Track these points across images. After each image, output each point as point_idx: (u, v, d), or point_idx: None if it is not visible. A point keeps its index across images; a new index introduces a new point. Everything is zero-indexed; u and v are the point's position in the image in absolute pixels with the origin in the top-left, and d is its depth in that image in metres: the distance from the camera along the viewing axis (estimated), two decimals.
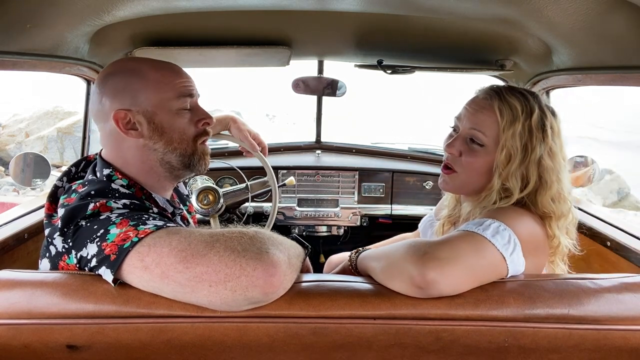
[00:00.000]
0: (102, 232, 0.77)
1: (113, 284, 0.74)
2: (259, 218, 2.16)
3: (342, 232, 2.28)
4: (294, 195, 2.21)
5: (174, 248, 0.72)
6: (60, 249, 0.83)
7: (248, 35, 1.53)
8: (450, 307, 0.75)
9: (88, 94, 1.62)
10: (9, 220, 1.38)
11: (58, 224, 0.84)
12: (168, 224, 0.80)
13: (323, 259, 2.20)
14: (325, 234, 2.28)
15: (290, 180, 1.96)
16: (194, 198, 1.66)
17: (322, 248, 2.31)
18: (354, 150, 2.44)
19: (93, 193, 0.87)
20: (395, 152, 2.43)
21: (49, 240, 0.87)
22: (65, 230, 0.82)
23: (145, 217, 0.81)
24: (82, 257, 0.79)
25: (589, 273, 0.83)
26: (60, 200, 0.89)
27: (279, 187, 1.92)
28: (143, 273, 0.72)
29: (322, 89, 2.25)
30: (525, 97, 1.01)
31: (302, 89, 2.25)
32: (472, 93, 1.09)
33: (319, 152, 2.41)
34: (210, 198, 1.68)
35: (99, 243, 0.76)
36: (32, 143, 7.90)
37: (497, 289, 0.78)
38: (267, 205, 2.15)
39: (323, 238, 2.31)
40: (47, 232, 0.89)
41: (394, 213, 2.23)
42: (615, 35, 1.04)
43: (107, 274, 0.74)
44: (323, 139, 2.44)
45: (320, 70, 2.23)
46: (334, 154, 2.42)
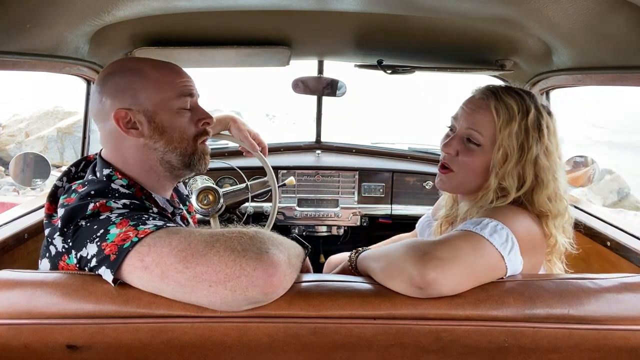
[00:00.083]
0: (102, 232, 0.77)
1: (113, 284, 0.74)
2: (259, 218, 2.16)
3: (342, 232, 2.28)
4: (294, 195, 2.21)
5: (174, 248, 0.72)
6: (60, 249, 0.83)
7: (248, 35, 1.53)
8: (450, 307, 0.75)
9: (88, 94, 1.62)
10: (9, 220, 1.38)
11: (58, 224, 0.84)
12: (168, 224, 0.80)
13: (323, 259, 2.20)
14: (325, 234, 2.28)
15: (290, 180, 1.96)
16: (194, 198, 1.66)
17: (322, 248, 2.31)
18: (354, 150, 2.44)
19: (93, 193, 0.87)
20: (395, 152, 2.42)
21: (49, 240, 0.87)
22: (65, 230, 0.82)
23: (145, 217, 0.81)
24: (82, 257, 0.79)
25: (589, 273, 0.83)
26: (60, 200, 0.89)
27: (279, 187, 1.92)
28: (143, 273, 0.72)
29: (321, 89, 2.25)
30: (522, 96, 1.01)
31: (302, 89, 2.25)
32: (469, 92, 1.10)
33: (319, 152, 2.41)
34: (210, 198, 1.68)
35: (99, 243, 0.76)
36: (32, 143, 7.90)
37: (497, 289, 0.78)
38: (267, 205, 2.15)
39: (323, 238, 2.30)
40: (47, 232, 0.89)
41: (394, 213, 2.23)
42: (615, 35, 1.04)
43: (107, 274, 0.74)
44: (323, 139, 2.44)
45: (320, 70, 2.22)
46: (334, 154, 2.42)
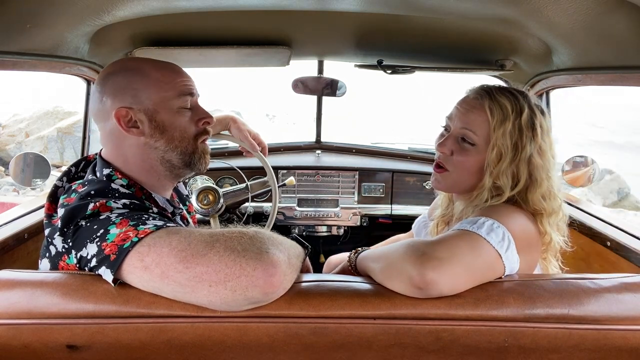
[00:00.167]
0: (102, 232, 0.77)
1: (113, 284, 0.74)
2: (259, 218, 2.16)
3: (342, 232, 2.28)
4: (294, 195, 2.21)
5: (174, 248, 0.72)
6: (60, 249, 0.83)
7: (248, 35, 1.53)
8: (450, 307, 0.75)
9: (88, 94, 1.62)
10: (9, 220, 1.38)
11: (58, 224, 0.84)
12: (168, 224, 0.80)
13: (323, 259, 2.20)
14: (325, 234, 2.28)
15: (290, 180, 1.96)
16: (194, 198, 1.66)
17: (322, 248, 2.31)
18: (354, 150, 2.44)
19: (93, 193, 0.87)
20: (395, 152, 2.43)
21: (49, 240, 0.87)
22: (65, 230, 0.82)
23: (145, 217, 0.81)
24: (82, 257, 0.79)
25: (589, 273, 0.83)
26: (60, 200, 0.89)
27: (279, 187, 1.92)
28: (143, 273, 0.72)
29: (321, 89, 2.25)
30: (515, 96, 1.02)
31: (301, 89, 2.25)
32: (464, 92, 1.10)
33: (319, 152, 2.41)
34: (210, 198, 1.68)
35: (99, 243, 0.76)
36: (32, 143, 7.90)
37: (496, 289, 0.78)
38: (267, 205, 2.15)
39: (323, 238, 2.30)
40: (47, 232, 0.89)
41: (394, 213, 2.23)
42: (615, 35, 1.04)
43: (107, 274, 0.74)
44: (323, 139, 2.44)
45: (320, 70, 2.22)
46: (334, 154, 2.42)
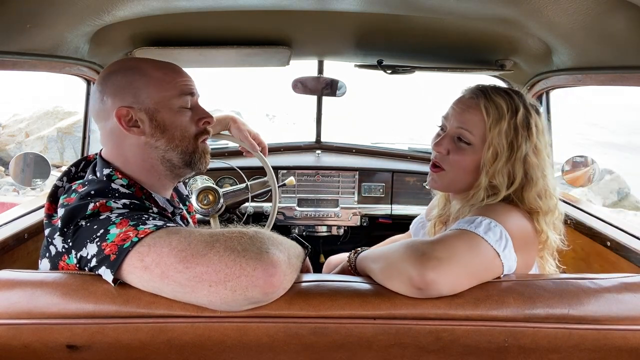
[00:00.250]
0: (102, 232, 0.77)
1: (113, 284, 0.74)
2: (259, 218, 2.16)
3: (342, 232, 2.28)
4: (294, 195, 2.21)
5: (174, 248, 0.72)
6: (60, 249, 0.83)
7: (248, 35, 1.53)
8: (450, 307, 0.75)
9: (88, 94, 1.62)
10: (9, 220, 1.38)
11: (58, 224, 0.84)
12: (168, 224, 0.80)
13: (323, 259, 2.20)
14: (325, 234, 2.28)
15: (290, 180, 1.96)
16: (194, 198, 1.66)
17: (322, 248, 2.31)
18: (354, 150, 2.44)
19: (93, 193, 0.87)
20: (395, 152, 2.42)
21: (49, 240, 0.87)
22: (65, 230, 0.82)
23: (145, 217, 0.81)
24: (82, 257, 0.79)
25: (589, 273, 0.83)
26: (60, 200, 0.89)
27: (279, 187, 1.92)
28: (143, 273, 0.72)
29: (321, 89, 2.25)
30: (510, 96, 1.03)
31: (301, 89, 2.25)
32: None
33: (319, 152, 2.41)
34: (210, 198, 1.68)
35: (99, 243, 0.77)
36: (32, 143, 7.90)
37: (496, 289, 0.78)
38: (267, 205, 2.15)
39: (323, 238, 2.30)
40: (47, 232, 0.89)
41: (394, 213, 2.22)
42: (615, 35, 1.04)
43: (107, 274, 0.74)
44: (323, 139, 2.44)
45: (320, 70, 2.22)
46: (334, 154, 2.42)
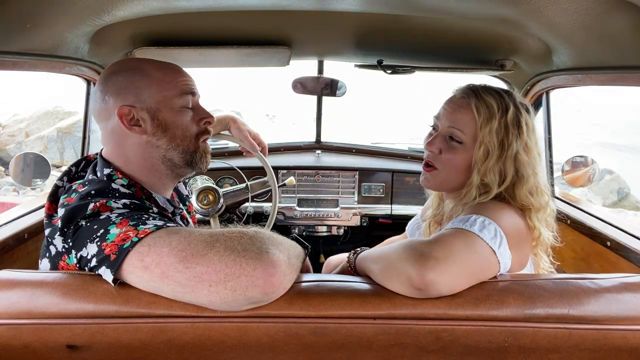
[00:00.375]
0: (102, 232, 0.77)
1: (113, 284, 0.74)
2: (259, 218, 2.16)
3: (342, 232, 2.28)
4: (294, 195, 2.21)
5: (174, 248, 0.72)
6: (60, 249, 0.83)
7: (248, 35, 1.53)
8: (450, 307, 0.75)
9: (88, 94, 1.62)
10: (9, 220, 1.38)
11: (58, 224, 0.84)
12: (168, 224, 0.80)
13: (323, 259, 2.19)
14: (325, 234, 2.28)
15: (290, 180, 1.96)
16: (194, 198, 1.66)
17: (322, 248, 2.31)
18: (354, 150, 2.44)
19: (93, 193, 0.87)
20: (395, 152, 2.43)
21: (49, 240, 0.87)
22: (65, 230, 0.82)
23: (145, 217, 0.81)
24: (82, 257, 0.79)
25: (589, 273, 0.83)
26: (61, 200, 0.89)
27: (279, 187, 1.92)
28: (143, 273, 0.72)
29: (321, 89, 2.25)
30: (501, 95, 1.05)
31: (301, 90, 2.25)
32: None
33: (319, 152, 2.41)
34: (210, 198, 1.68)
35: (99, 243, 0.77)
36: (32, 143, 7.90)
37: (496, 289, 0.79)
38: (267, 205, 2.15)
39: (323, 238, 2.30)
40: (47, 232, 0.89)
41: (394, 213, 2.23)
42: (615, 35, 1.04)
43: (107, 274, 0.74)
44: (323, 139, 2.44)
45: (320, 70, 2.22)
46: (334, 154, 2.42)
